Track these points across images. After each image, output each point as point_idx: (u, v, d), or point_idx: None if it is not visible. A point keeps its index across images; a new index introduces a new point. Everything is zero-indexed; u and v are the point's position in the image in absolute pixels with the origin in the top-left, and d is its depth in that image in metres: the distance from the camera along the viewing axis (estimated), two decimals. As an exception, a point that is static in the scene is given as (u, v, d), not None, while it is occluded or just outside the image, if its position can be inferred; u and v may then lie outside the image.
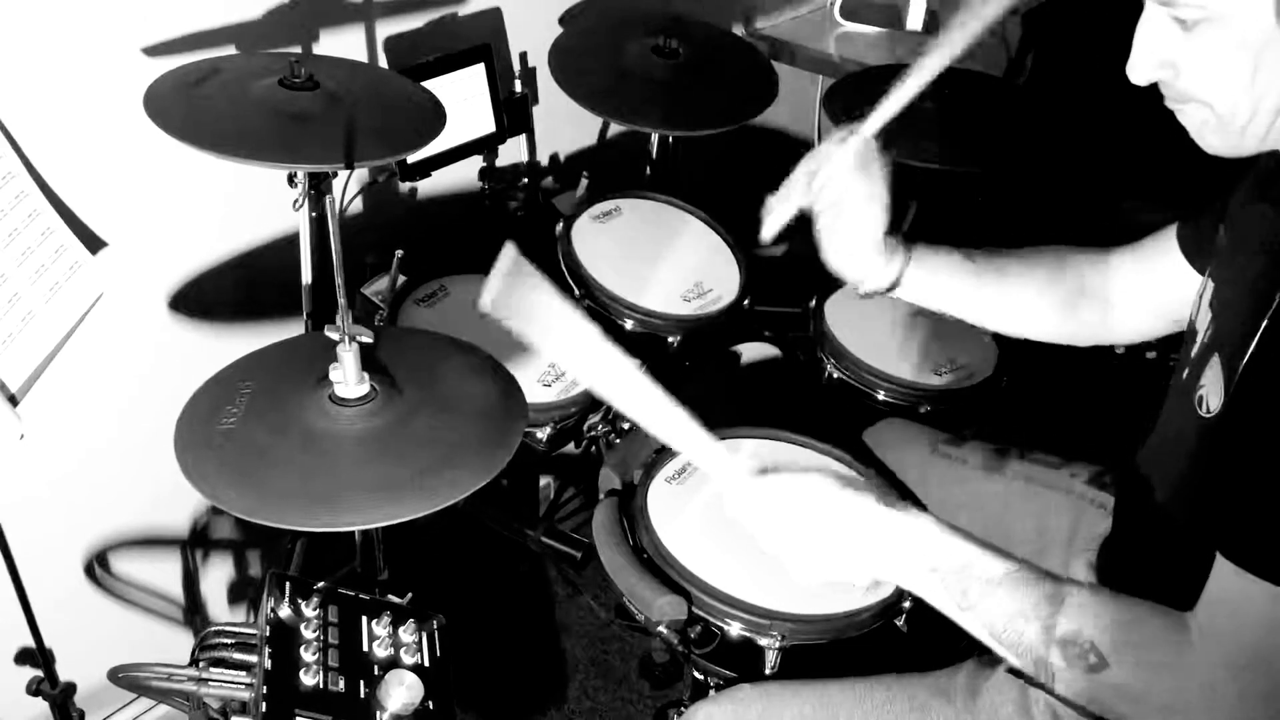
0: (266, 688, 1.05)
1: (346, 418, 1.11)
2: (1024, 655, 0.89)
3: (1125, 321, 1.25)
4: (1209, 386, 0.96)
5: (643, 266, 1.71)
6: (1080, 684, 0.87)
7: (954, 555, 0.92)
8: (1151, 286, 1.21)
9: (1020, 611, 0.89)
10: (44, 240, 1.21)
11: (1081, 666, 0.86)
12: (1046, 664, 0.88)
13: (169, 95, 1.21)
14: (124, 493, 1.62)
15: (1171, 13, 0.88)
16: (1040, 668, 0.89)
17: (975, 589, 0.90)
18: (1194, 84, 0.90)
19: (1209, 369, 0.97)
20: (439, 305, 1.63)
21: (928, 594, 0.94)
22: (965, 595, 0.90)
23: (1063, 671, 0.87)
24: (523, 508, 2.08)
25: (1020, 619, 0.89)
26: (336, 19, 1.61)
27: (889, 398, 1.60)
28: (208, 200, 1.54)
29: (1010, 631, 0.89)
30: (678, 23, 1.82)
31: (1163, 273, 1.18)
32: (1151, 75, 0.92)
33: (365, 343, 1.11)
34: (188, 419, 1.10)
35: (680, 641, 1.22)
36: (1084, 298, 1.25)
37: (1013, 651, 0.90)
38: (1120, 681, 0.86)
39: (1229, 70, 0.87)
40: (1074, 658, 0.87)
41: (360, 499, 1.03)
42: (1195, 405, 0.97)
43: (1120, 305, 1.25)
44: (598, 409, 1.60)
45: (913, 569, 0.93)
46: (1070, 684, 0.88)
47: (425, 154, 1.67)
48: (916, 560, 0.93)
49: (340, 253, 1.09)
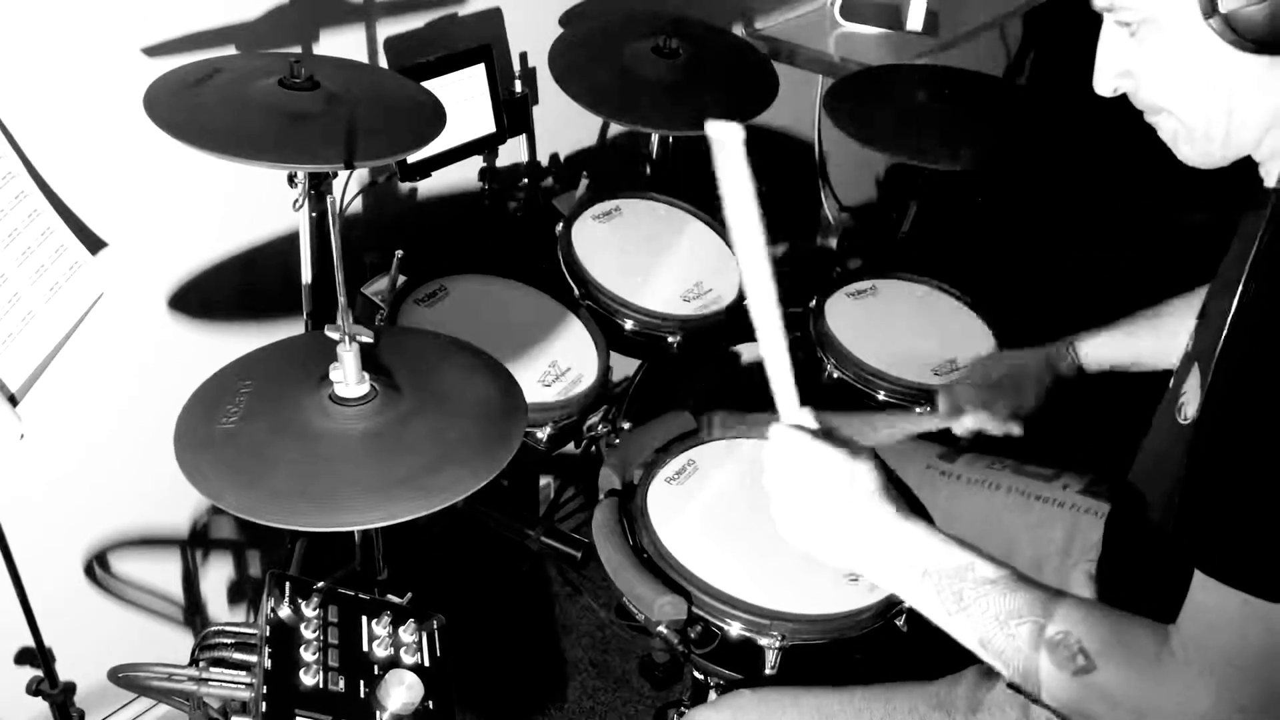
0: (266, 688, 1.05)
1: (346, 417, 1.11)
2: (1012, 662, 0.89)
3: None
4: (1188, 395, 0.96)
5: (643, 266, 1.72)
6: (1067, 689, 0.87)
7: (950, 558, 0.92)
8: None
9: (1014, 612, 0.89)
10: (44, 240, 1.21)
11: (1070, 669, 0.86)
12: (1035, 672, 0.88)
13: (169, 95, 1.21)
14: (124, 493, 1.62)
15: (1114, 18, 0.89)
16: (1028, 676, 0.88)
17: (969, 591, 0.90)
18: (1152, 92, 0.91)
19: (1190, 378, 0.97)
20: (439, 305, 1.63)
21: (917, 599, 0.93)
22: (959, 598, 0.90)
23: (1050, 677, 0.87)
24: (523, 508, 2.08)
25: (1013, 620, 0.89)
26: (336, 19, 1.61)
27: (889, 398, 1.60)
28: (208, 200, 1.54)
29: (1002, 635, 0.89)
30: (678, 23, 1.82)
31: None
32: (1113, 85, 0.93)
33: (365, 343, 1.11)
34: (188, 418, 1.10)
35: (680, 641, 1.22)
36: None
37: (999, 659, 0.90)
38: (1105, 684, 0.86)
39: (1176, 76, 0.88)
40: (1063, 659, 0.87)
41: (360, 499, 1.03)
42: (1176, 414, 0.97)
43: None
44: (598, 409, 1.60)
45: (904, 572, 0.93)
46: (1057, 690, 0.87)
47: (425, 154, 1.67)
48: (909, 564, 0.93)
49: (340, 253, 1.09)
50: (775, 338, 0.91)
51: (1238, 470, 0.82)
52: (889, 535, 0.93)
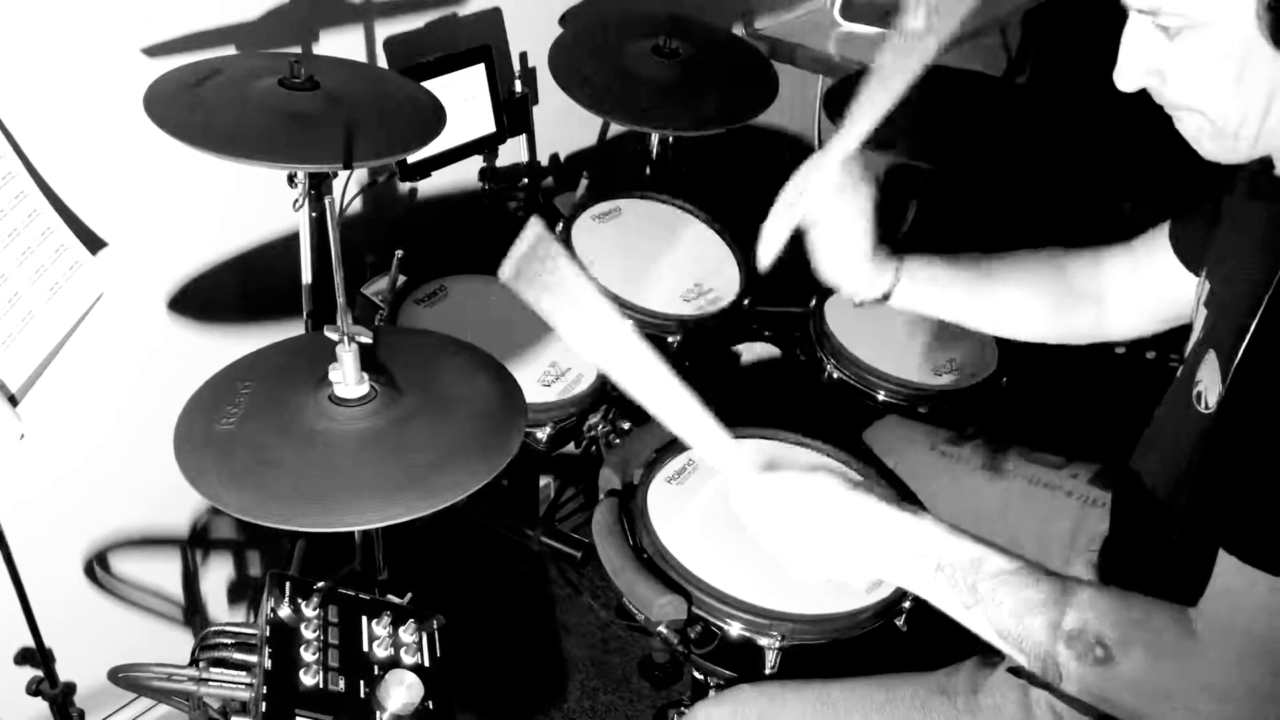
0: (266, 688, 1.05)
1: (346, 418, 1.11)
2: (1031, 652, 0.89)
3: (1118, 320, 1.26)
4: (1206, 382, 0.96)
5: (643, 266, 1.71)
6: (1089, 679, 0.87)
7: (962, 551, 0.92)
8: (1143, 285, 1.22)
9: (1029, 605, 0.89)
10: (44, 240, 1.21)
11: (1089, 660, 0.86)
12: (1054, 661, 0.88)
13: (169, 95, 1.21)
14: (124, 493, 1.62)
15: (1155, 20, 0.88)
16: (1048, 665, 0.88)
17: (984, 584, 0.90)
18: (1181, 92, 0.90)
19: (1204, 366, 0.97)
20: (439, 305, 1.63)
21: (932, 594, 0.93)
22: (973, 591, 0.90)
23: (1071, 668, 0.87)
24: (523, 508, 2.08)
25: (1028, 613, 0.89)
26: (336, 19, 1.61)
27: (889, 398, 1.60)
28: (208, 200, 1.54)
29: (1018, 627, 0.89)
30: (678, 23, 1.82)
31: (1154, 271, 1.19)
32: (1139, 83, 0.92)
33: (365, 343, 1.11)
34: (187, 419, 1.10)
35: (680, 641, 1.22)
36: (1076, 298, 1.26)
37: (1018, 649, 0.90)
38: (1128, 674, 0.86)
39: (1214, 78, 0.87)
40: (1082, 651, 0.86)
41: (360, 499, 1.03)
42: (1194, 401, 0.97)
43: (1113, 304, 1.25)
44: (598, 409, 1.60)
45: (917, 568, 0.93)
46: (1079, 680, 0.87)
47: (425, 154, 1.67)
48: (921, 559, 0.93)
49: (339, 253, 1.09)
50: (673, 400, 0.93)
51: (1270, 456, 0.82)
52: (899, 533, 0.93)
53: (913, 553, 0.93)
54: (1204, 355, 0.98)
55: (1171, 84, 0.90)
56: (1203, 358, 0.98)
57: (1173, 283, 1.16)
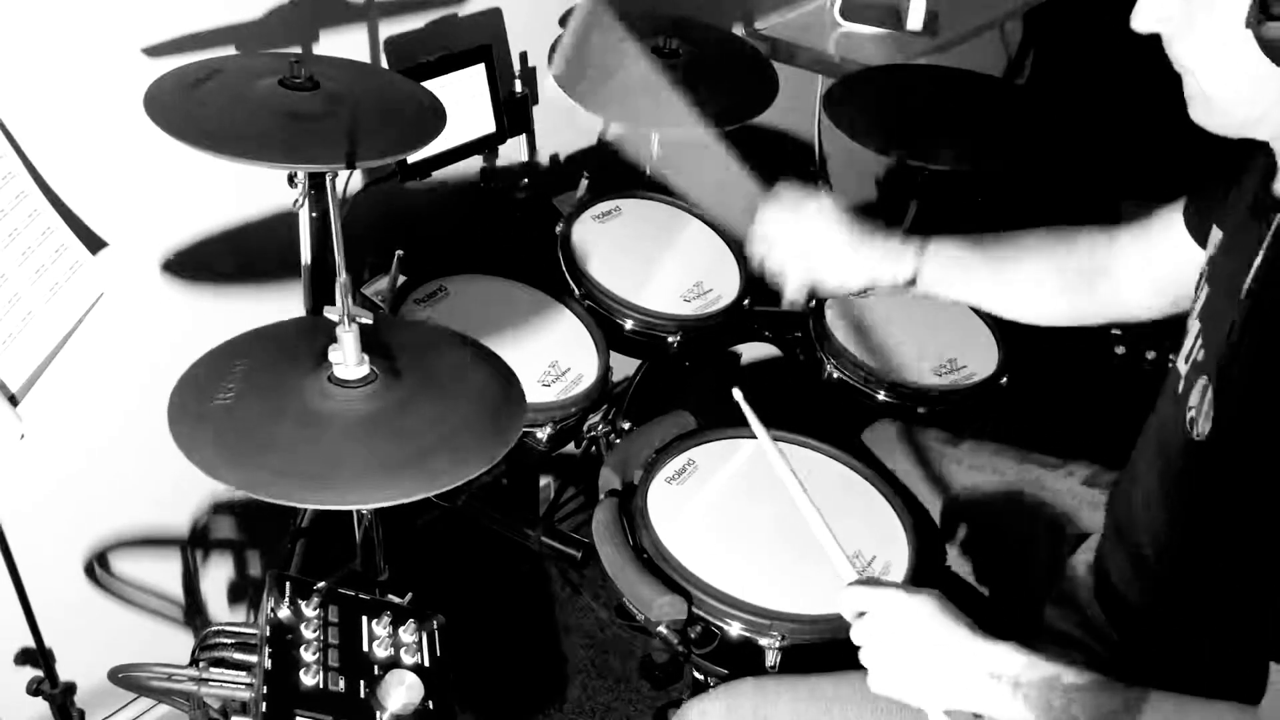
0: (266, 688, 1.05)
1: (346, 399, 1.10)
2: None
3: (1130, 298, 1.25)
4: (1197, 408, 0.97)
5: (643, 266, 1.71)
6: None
7: (1037, 669, 0.93)
8: (1156, 262, 1.21)
9: (1103, 715, 0.90)
10: (44, 240, 1.21)
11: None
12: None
13: (169, 95, 1.21)
14: (124, 493, 1.62)
15: None
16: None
17: (1058, 699, 0.92)
18: (1185, 50, 0.90)
19: (1195, 390, 0.97)
20: (439, 305, 1.63)
21: (1010, 713, 0.95)
22: (1050, 707, 0.92)
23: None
24: (523, 508, 2.08)
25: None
26: (336, 19, 1.61)
27: (889, 398, 1.60)
28: (208, 200, 1.54)
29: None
30: (678, 23, 1.82)
31: (1167, 248, 1.18)
32: (1151, 26, 0.92)
33: (365, 324, 1.10)
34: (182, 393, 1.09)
35: (680, 641, 1.22)
36: (1089, 276, 1.26)
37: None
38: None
39: (1207, 47, 0.87)
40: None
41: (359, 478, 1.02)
42: (1188, 428, 0.98)
43: (1125, 281, 1.25)
44: (598, 409, 1.60)
45: (997, 689, 0.95)
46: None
47: (425, 154, 1.66)
48: (999, 680, 0.95)
49: (340, 234, 1.09)
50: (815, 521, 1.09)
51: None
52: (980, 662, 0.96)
53: (992, 674, 0.95)
54: (1197, 379, 0.99)
55: (1175, 42, 0.90)
56: (1195, 382, 0.99)
57: (1185, 261, 1.15)
